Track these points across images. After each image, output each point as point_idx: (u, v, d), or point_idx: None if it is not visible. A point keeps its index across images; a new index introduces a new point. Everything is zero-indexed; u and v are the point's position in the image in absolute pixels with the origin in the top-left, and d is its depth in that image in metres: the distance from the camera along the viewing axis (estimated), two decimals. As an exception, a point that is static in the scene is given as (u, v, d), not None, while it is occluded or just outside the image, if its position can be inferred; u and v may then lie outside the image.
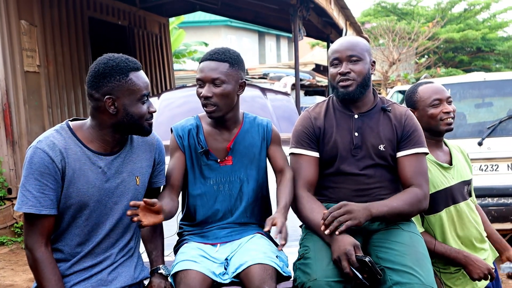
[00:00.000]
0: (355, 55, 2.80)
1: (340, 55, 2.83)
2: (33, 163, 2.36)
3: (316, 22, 11.73)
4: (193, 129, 2.91)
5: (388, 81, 19.93)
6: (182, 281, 2.60)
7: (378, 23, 22.96)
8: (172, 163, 2.88)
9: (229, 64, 2.81)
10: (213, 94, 2.77)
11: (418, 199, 2.75)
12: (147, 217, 2.40)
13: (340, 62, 2.83)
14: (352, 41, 2.88)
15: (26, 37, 8.19)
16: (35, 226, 2.39)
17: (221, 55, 2.81)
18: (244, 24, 25.71)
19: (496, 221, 5.93)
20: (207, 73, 2.78)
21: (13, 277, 6.37)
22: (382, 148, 2.82)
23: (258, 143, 2.94)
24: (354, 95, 2.81)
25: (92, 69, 2.44)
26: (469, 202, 3.15)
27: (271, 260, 2.66)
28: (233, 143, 2.90)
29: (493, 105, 6.70)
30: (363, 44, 2.87)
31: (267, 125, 2.97)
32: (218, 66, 2.79)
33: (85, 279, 2.47)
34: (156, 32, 13.58)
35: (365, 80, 2.81)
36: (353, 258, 2.50)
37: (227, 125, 2.90)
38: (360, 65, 2.80)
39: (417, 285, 2.44)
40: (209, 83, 2.78)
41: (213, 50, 2.86)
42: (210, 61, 2.80)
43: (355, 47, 2.83)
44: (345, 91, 2.81)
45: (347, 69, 2.80)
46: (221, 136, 2.91)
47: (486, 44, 24.03)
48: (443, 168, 3.07)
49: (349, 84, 2.80)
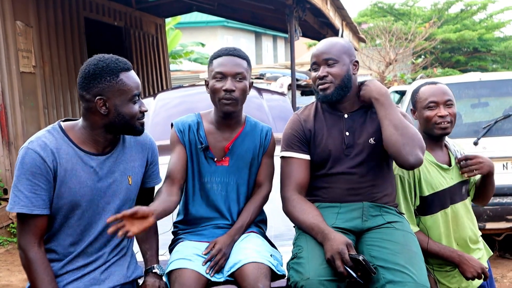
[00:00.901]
0: (331, 58, 2.81)
1: (317, 59, 2.85)
2: (24, 163, 2.36)
3: (312, 23, 11.72)
4: (193, 125, 2.92)
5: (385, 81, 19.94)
6: (176, 280, 2.61)
7: (375, 23, 22.96)
8: (174, 157, 2.88)
9: (247, 62, 2.87)
10: (236, 88, 2.79)
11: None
12: (134, 225, 2.35)
13: (318, 66, 2.85)
14: (329, 44, 2.88)
15: (22, 38, 8.17)
16: (27, 226, 2.39)
17: (240, 52, 2.86)
18: (240, 25, 25.71)
19: (491, 220, 5.95)
20: (231, 67, 2.80)
21: (9, 277, 6.36)
22: (372, 141, 2.83)
23: (256, 148, 2.95)
24: (332, 97, 2.82)
25: (82, 70, 2.44)
26: (466, 202, 3.14)
27: (266, 259, 2.66)
28: (232, 144, 2.91)
29: (489, 105, 6.71)
30: (341, 45, 2.86)
31: (267, 132, 2.98)
32: (240, 62, 2.83)
33: (77, 278, 2.47)
34: (153, 32, 13.57)
35: (343, 82, 2.81)
36: (347, 257, 2.50)
37: (230, 124, 2.90)
38: (336, 68, 2.81)
39: (410, 283, 2.44)
40: (232, 78, 2.80)
41: (230, 47, 2.89)
42: (232, 56, 2.83)
43: (331, 49, 2.83)
44: (323, 94, 2.83)
45: (324, 73, 2.81)
46: (222, 135, 2.91)
47: (483, 45, 24.04)
48: (442, 169, 3.06)
49: (326, 87, 2.81)
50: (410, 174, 3.01)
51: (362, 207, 2.80)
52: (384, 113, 2.75)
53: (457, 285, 3.05)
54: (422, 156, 2.70)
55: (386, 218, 2.79)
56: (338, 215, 2.78)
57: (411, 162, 2.68)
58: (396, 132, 2.69)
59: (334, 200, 2.82)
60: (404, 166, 2.73)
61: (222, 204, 2.91)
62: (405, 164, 2.70)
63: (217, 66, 2.82)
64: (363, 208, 2.80)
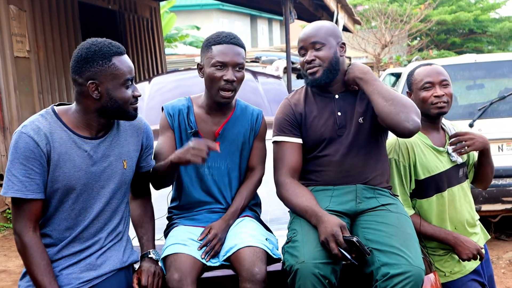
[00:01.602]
0: (317, 41, 2.82)
1: (304, 44, 2.86)
2: (18, 148, 2.35)
3: (307, 5, 11.69)
4: (184, 109, 2.91)
5: (381, 63, 19.93)
6: (172, 264, 2.60)
7: (370, 5, 22.89)
8: (162, 141, 2.88)
9: (244, 50, 2.85)
10: (236, 78, 2.78)
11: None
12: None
13: (306, 51, 2.86)
14: (314, 27, 2.88)
15: (16, 22, 8.13)
16: (22, 211, 2.38)
17: (238, 40, 2.84)
18: (236, 8, 25.62)
19: (487, 202, 5.98)
20: (233, 57, 2.78)
21: (6, 262, 6.38)
22: (361, 121, 2.83)
23: (247, 132, 2.94)
24: (321, 80, 2.82)
25: (75, 54, 2.42)
26: (464, 185, 3.14)
27: (261, 243, 2.66)
28: (222, 129, 2.90)
29: (484, 87, 6.71)
30: (326, 28, 2.87)
31: (258, 115, 2.97)
32: (240, 51, 2.82)
33: (73, 264, 2.46)
34: (147, 16, 13.51)
35: (331, 64, 2.81)
36: (341, 239, 2.51)
37: (221, 108, 2.89)
38: (324, 51, 2.81)
39: (404, 265, 2.45)
40: (233, 67, 2.78)
41: (228, 33, 2.85)
42: (232, 45, 2.81)
43: (317, 33, 2.84)
44: (312, 78, 2.83)
45: (312, 57, 2.82)
46: (212, 120, 2.90)
47: (478, 26, 24.01)
48: (438, 152, 3.06)
49: (315, 71, 2.82)
50: (405, 157, 3.01)
51: (355, 190, 2.80)
52: (371, 89, 2.75)
53: (449, 269, 3.05)
54: (419, 121, 2.69)
55: (380, 201, 2.79)
56: (332, 198, 2.79)
57: (410, 129, 2.66)
58: (387, 103, 2.68)
59: (327, 183, 2.83)
60: (404, 135, 2.71)
61: (215, 188, 2.90)
62: (404, 132, 2.67)
63: (218, 55, 2.79)
64: (357, 190, 2.80)
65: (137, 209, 2.78)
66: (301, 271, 2.46)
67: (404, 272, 2.43)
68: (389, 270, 2.45)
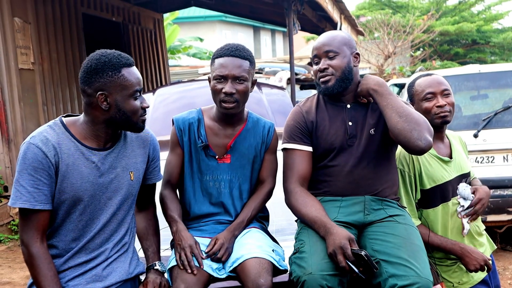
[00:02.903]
0: (331, 50, 2.81)
1: (318, 52, 2.86)
2: (26, 159, 2.35)
3: (310, 16, 11.72)
4: (194, 122, 2.91)
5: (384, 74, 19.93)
6: (178, 275, 2.60)
7: (373, 16, 22.94)
8: (170, 159, 2.91)
9: (250, 62, 2.83)
10: (236, 90, 2.77)
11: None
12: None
13: (319, 59, 2.85)
14: (329, 36, 2.88)
15: (20, 35, 8.16)
16: (30, 222, 2.39)
17: (242, 52, 2.82)
18: (239, 19, 25.67)
19: (492, 212, 5.95)
20: (231, 70, 2.77)
21: (11, 274, 6.37)
22: (372, 132, 2.82)
23: (259, 145, 2.93)
24: (333, 89, 2.82)
25: (84, 65, 2.43)
26: None
27: (267, 254, 2.65)
28: (234, 142, 2.89)
29: (488, 97, 6.70)
30: (341, 37, 2.87)
31: (269, 128, 2.96)
32: (242, 63, 2.79)
33: (80, 275, 2.46)
34: (151, 28, 13.55)
35: (344, 74, 2.81)
36: (349, 252, 2.50)
37: (232, 121, 2.89)
38: (337, 60, 2.81)
39: (412, 277, 2.44)
40: (232, 80, 2.77)
41: (233, 46, 2.84)
42: (233, 57, 2.79)
43: (332, 42, 2.84)
44: (325, 86, 2.83)
45: (325, 65, 2.81)
46: (223, 132, 2.90)
47: (481, 37, 24.02)
48: (444, 161, 3.05)
49: (328, 79, 2.82)
50: (411, 167, 3.00)
51: (363, 201, 2.79)
52: (385, 103, 2.73)
53: (457, 279, 3.04)
54: (431, 139, 2.68)
55: (388, 212, 2.78)
56: (340, 209, 2.78)
57: (422, 147, 2.65)
58: (401, 119, 2.67)
59: (336, 193, 2.82)
60: (415, 152, 2.70)
61: (225, 200, 2.90)
62: (416, 150, 2.67)
63: (218, 67, 2.79)
64: (365, 201, 2.79)
65: (142, 221, 2.77)
66: (308, 283, 2.45)
67: (412, 283, 2.42)
68: (397, 282, 2.44)
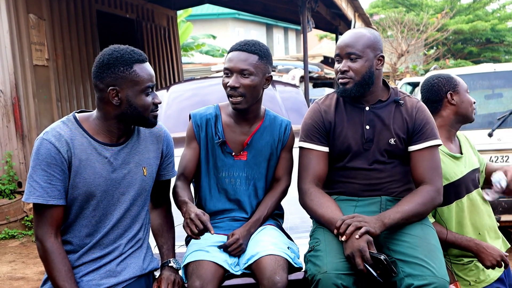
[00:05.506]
0: (353, 53, 2.73)
1: (340, 52, 2.79)
2: (40, 154, 2.36)
3: (324, 14, 11.69)
4: (211, 118, 2.90)
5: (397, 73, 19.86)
6: (194, 271, 2.59)
7: (387, 14, 22.87)
8: (186, 153, 2.90)
9: (259, 57, 2.80)
10: (241, 84, 2.76)
11: (430, 197, 2.70)
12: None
13: (341, 59, 2.79)
14: (354, 36, 2.78)
15: (35, 31, 8.19)
16: (44, 217, 2.40)
17: (251, 47, 2.80)
18: (252, 17, 25.66)
19: (506, 212, 5.92)
20: (236, 63, 2.77)
21: (24, 269, 6.40)
22: (392, 142, 2.78)
23: (275, 143, 2.92)
24: (351, 93, 2.76)
25: (97, 60, 2.44)
26: (480, 190, 3.13)
27: (282, 251, 2.65)
28: (251, 139, 2.89)
29: (503, 96, 6.66)
30: (366, 39, 2.76)
31: (286, 126, 2.95)
32: (248, 57, 2.78)
33: (93, 270, 2.47)
34: (164, 25, 13.57)
35: (364, 79, 2.74)
36: (367, 255, 2.46)
37: (248, 118, 2.88)
38: (359, 63, 2.73)
39: (429, 277, 2.41)
40: (237, 74, 2.77)
41: (244, 41, 2.84)
42: (240, 51, 2.79)
43: (355, 43, 2.74)
44: (343, 88, 2.78)
45: (346, 67, 2.75)
46: (240, 129, 2.89)
47: (496, 35, 23.90)
48: (456, 158, 3.04)
49: (346, 82, 2.76)
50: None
51: (380, 201, 2.77)
52: None
53: (474, 278, 3.01)
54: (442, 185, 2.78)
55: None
56: (356, 208, 2.76)
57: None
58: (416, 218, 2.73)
59: (351, 194, 2.80)
60: None
61: (240, 197, 2.89)
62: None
63: (226, 62, 2.81)
64: (381, 202, 2.77)
65: (157, 218, 2.77)
66: (323, 281, 2.44)
67: (429, 283, 2.40)
68: (413, 281, 2.42)
